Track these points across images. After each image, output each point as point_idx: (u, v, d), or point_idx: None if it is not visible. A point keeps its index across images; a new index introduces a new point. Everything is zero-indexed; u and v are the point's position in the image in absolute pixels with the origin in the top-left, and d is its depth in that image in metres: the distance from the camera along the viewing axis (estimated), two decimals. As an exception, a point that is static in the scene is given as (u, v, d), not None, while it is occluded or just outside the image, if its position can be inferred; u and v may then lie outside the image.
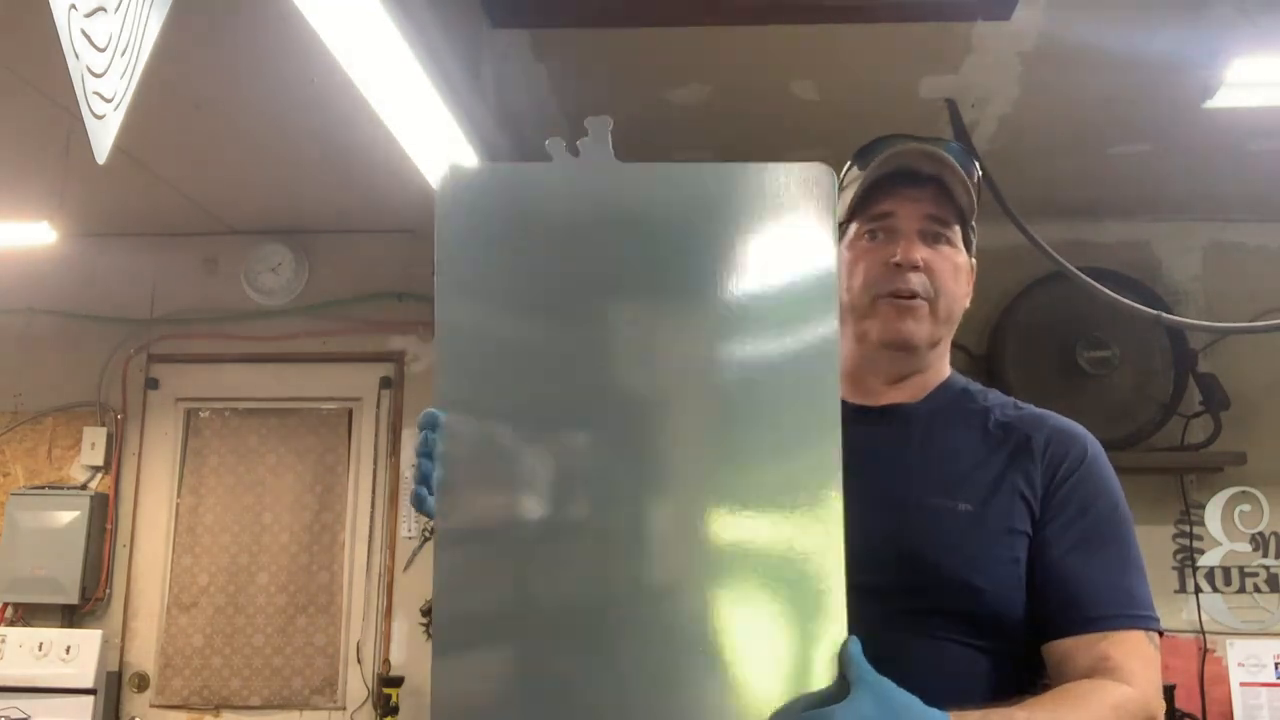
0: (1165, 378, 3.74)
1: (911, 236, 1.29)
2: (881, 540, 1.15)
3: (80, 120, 1.21)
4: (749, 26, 2.69)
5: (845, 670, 0.98)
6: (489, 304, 1.05)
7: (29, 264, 3.98)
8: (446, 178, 1.07)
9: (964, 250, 1.34)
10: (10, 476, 4.13)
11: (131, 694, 3.93)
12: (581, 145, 1.07)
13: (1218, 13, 2.55)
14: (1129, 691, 1.13)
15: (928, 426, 1.30)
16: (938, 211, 1.30)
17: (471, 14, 2.60)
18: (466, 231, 1.06)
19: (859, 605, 1.01)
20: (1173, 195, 3.73)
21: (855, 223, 1.33)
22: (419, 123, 2.30)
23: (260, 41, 2.68)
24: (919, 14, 2.63)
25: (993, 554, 1.20)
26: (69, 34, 1.21)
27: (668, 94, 3.03)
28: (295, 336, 4.11)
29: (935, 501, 1.22)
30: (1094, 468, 1.26)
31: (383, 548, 3.97)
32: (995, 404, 1.33)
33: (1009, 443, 1.27)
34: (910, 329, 1.28)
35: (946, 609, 1.18)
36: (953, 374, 1.37)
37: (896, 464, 1.26)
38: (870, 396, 1.33)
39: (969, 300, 1.37)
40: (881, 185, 1.31)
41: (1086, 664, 1.16)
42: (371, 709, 3.82)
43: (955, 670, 1.16)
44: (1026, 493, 1.23)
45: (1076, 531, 1.22)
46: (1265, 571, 3.77)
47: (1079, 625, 1.18)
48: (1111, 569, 1.21)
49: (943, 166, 1.29)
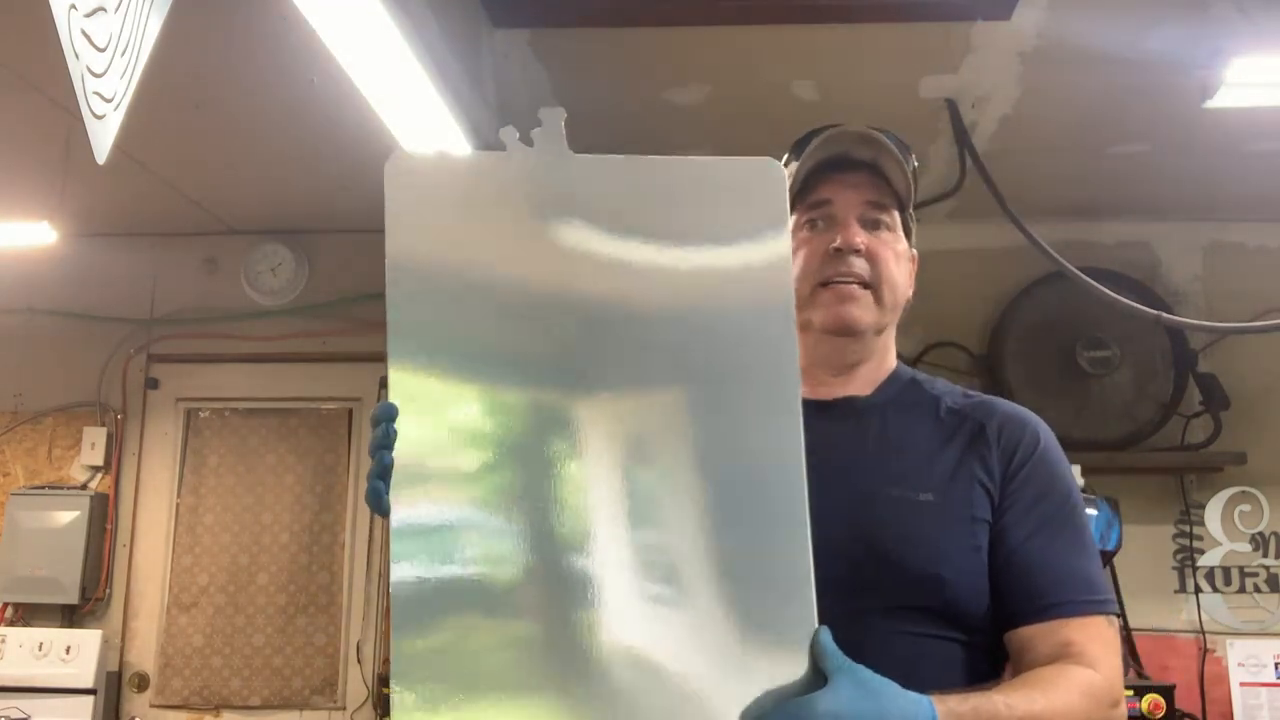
0: (1165, 378, 3.74)
1: (850, 223, 1.28)
2: (843, 534, 1.15)
3: (80, 120, 1.21)
4: (749, 26, 2.69)
5: (820, 660, 0.98)
6: (441, 293, 1.04)
7: (29, 264, 3.98)
8: (393, 164, 1.06)
9: (904, 238, 1.33)
10: (10, 476, 4.13)
11: (131, 694, 3.93)
12: (535, 136, 1.07)
13: (1218, 12, 2.55)
14: (1095, 676, 1.14)
15: (882, 418, 1.29)
16: (876, 197, 1.29)
17: (471, 14, 2.60)
18: (417, 220, 1.05)
19: (824, 601, 1.01)
20: (1173, 195, 3.73)
21: (794, 213, 1.31)
22: (419, 122, 2.30)
23: (260, 41, 2.68)
24: (919, 14, 2.63)
25: (957, 544, 1.20)
26: (69, 34, 1.21)
27: (668, 94, 3.03)
28: (295, 336, 4.11)
29: (896, 493, 1.21)
30: (1047, 454, 1.26)
31: (383, 548, 3.96)
32: (944, 392, 1.33)
33: (963, 431, 1.27)
34: (853, 313, 1.27)
35: (912, 601, 1.17)
36: (899, 364, 1.36)
37: (854, 457, 1.25)
38: (820, 389, 1.31)
39: (912, 290, 1.35)
40: (818, 173, 1.30)
41: (1049, 650, 1.16)
42: (371, 709, 3.82)
43: (926, 663, 1.15)
44: (985, 480, 1.23)
45: (1034, 518, 1.22)
46: (1265, 571, 3.77)
47: (1040, 612, 1.18)
48: (1070, 554, 1.22)
49: (879, 150, 1.28)
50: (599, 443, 1.02)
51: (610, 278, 1.05)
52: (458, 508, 1.01)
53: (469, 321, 1.04)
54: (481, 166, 1.08)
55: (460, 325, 1.04)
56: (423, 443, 1.01)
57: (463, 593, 0.99)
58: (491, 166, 1.07)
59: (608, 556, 1.00)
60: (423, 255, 1.04)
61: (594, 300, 1.04)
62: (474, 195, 1.06)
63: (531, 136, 1.07)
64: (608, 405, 1.03)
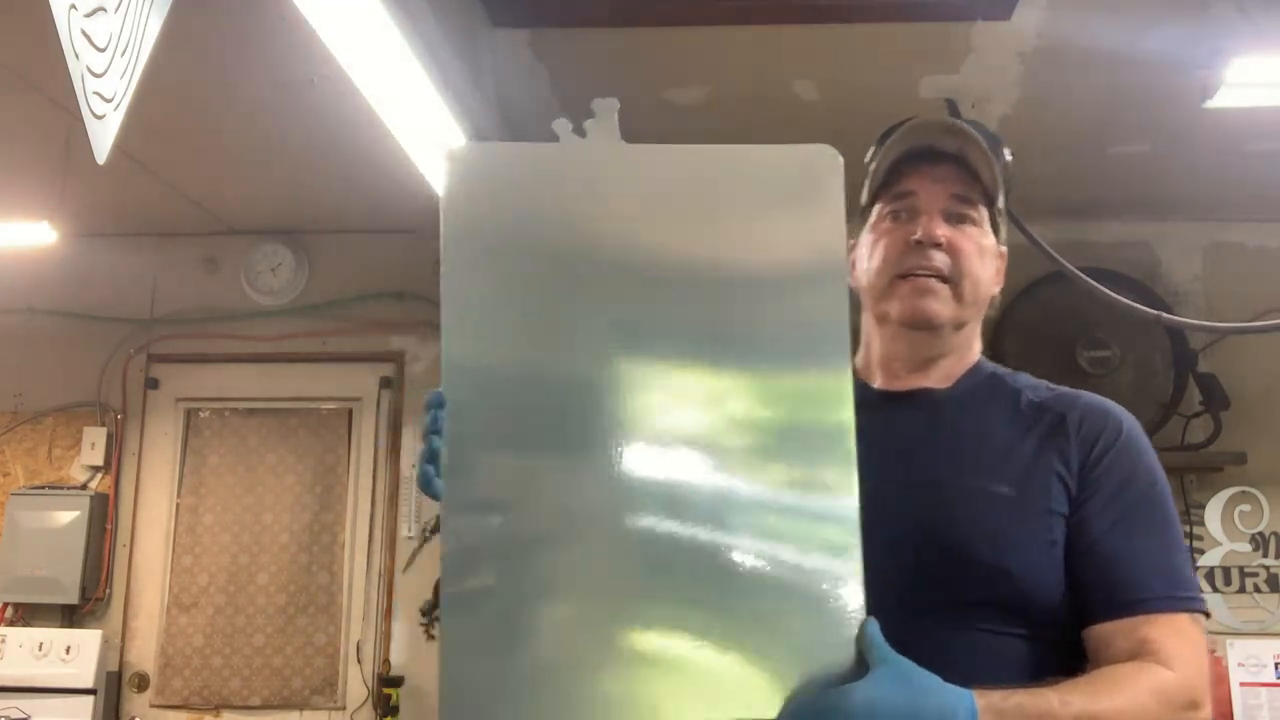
0: (1165, 378, 3.74)
1: (934, 215, 1.25)
2: (909, 525, 1.13)
3: (80, 120, 1.21)
4: (749, 26, 2.69)
5: (865, 651, 0.97)
6: (495, 284, 1.05)
7: (29, 264, 3.98)
8: (452, 156, 1.07)
9: (991, 233, 1.29)
10: (10, 476, 4.13)
11: (131, 694, 3.93)
12: (588, 126, 1.07)
13: (1218, 13, 2.55)
14: (1170, 675, 1.09)
15: (958, 410, 1.25)
16: (962, 190, 1.26)
17: (471, 13, 2.60)
18: (472, 210, 1.06)
19: (893, 594, 1.00)
20: (1173, 195, 3.73)
21: (878, 204, 1.29)
22: (419, 122, 2.30)
23: (260, 42, 2.68)
24: (919, 14, 2.63)
25: (1029, 536, 1.15)
26: (69, 34, 1.21)
27: (668, 94, 3.03)
28: (295, 336, 4.11)
29: (969, 484, 1.18)
30: (1130, 444, 1.21)
31: (383, 548, 3.97)
32: (1026, 385, 1.28)
33: (1042, 423, 1.22)
34: (930, 307, 1.23)
35: (980, 595, 1.14)
36: (982, 359, 1.32)
37: (927, 448, 1.23)
38: (896, 381, 1.28)
39: (999, 287, 1.32)
40: (903, 164, 1.27)
41: (1127, 648, 1.12)
42: (371, 709, 3.82)
43: (993, 659, 1.12)
44: (1063, 472, 1.18)
45: (1115, 510, 1.17)
46: (1265, 571, 3.77)
47: (1119, 608, 1.14)
48: (1152, 549, 1.17)
49: (966, 142, 1.25)
50: (649, 419, 1.03)
51: (664, 264, 1.06)
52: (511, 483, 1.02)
53: (524, 311, 1.05)
54: (536, 157, 1.09)
55: (515, 314, 1.05)
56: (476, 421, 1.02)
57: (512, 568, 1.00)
58: (546, 157, 1.08)
59: (659, 532, 1.00)
60: (477, 244, 1.05)
61: (648, 286, 1.05)
62: (529, 185, 1.07)
63: (584, 127, 1.07)
64: (660, 384, 1.04)
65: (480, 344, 1.04)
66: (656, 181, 1.07)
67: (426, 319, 4.07)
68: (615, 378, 1.04)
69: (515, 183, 1.07)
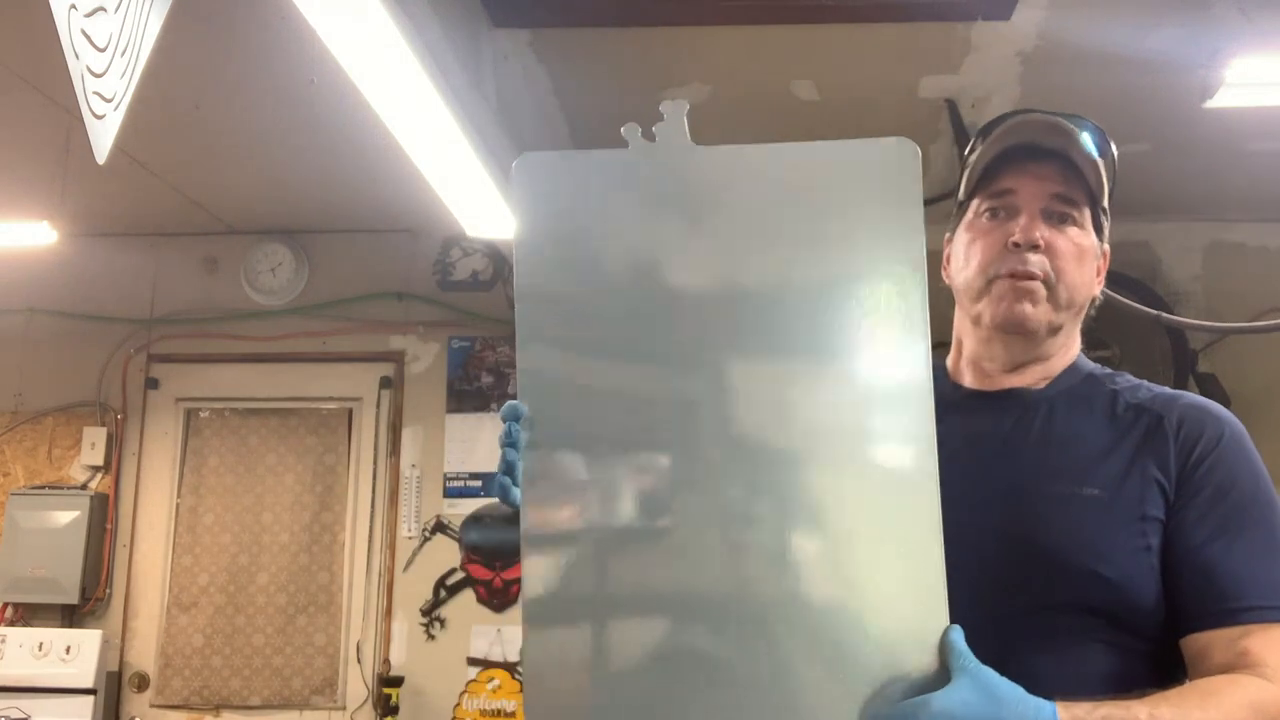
0: (1165, 378, 3.73)
1: (1034, 215, 1.20)
2: (1001, 529, 1.11)
3: (80, 120, 1.21)
4: (749, 26, 2.69)
5: (947, 659, 0.95)
6: (568, 293, 1.05)
7: (29, 264, 3.98)
8: (519, 167, 1.07)
9: (1093, 233, 1.25)
10: (10, 476, 4.13)
11: (131, 694, 3.93)
12: (657, 130, 1.07)
13: (1218, 13, 2.55)
14: (1269, 689, 1.04)
15: (1050, 411, 1.21)
16: (1064, 190, 1.21)
17: (471, 14, 2.60)
18: (542, 221, 1.06)
19: (978, 599, 0.98)
20: (1173, 195, 3.73)
21: (975, 200, 1.26)
22: (419, 122, 2.29)
23: (260, 41, 2.68)
24: (919, 14, 2.63)
25: (1122, 542, 1.11)
26: (69, 34, 1.21)
27: (668, 94, 3.03)
28: (295, 336, 4.11)
29: (1059, 488, 1.14)
30: (1233, 447, 1.17)
31: (383, 548, 3.97)
32: (1124, 387, 1.24)
33: (1139, 425, 1.18)
34: (1025, 311, 1.19)
35: (1072, 602, 1.10)
36: (1080, 358, 1.28)
37: (1016, 450, 1.19)
38: (987, 381, 1.26)
39: (1099, 288, 1.28)
40: (1004, 161, 1.22)
41: (1225, 659, 1.07)
42: (371, 709, 3.82)
43: (1081, 668, 1.09)
44: (1159, 477, 1.14)
45: (1215, 516, 1.12)
46: (1265, 571, 3.77)
47: (1218, 617, 1.09)
48: (1254, 557, 1.11)
49: (1069, 141, 1.20)
50: (725, 425, 1.02)
51: (738, 264, 1.05)
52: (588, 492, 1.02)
53: (597, 315, 1.05)
54: (606, 163, 1.08)
55: (590, 324, 1.05)
56: (553, 440, 1.03)
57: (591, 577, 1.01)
58: (615, 163, 1.08)
59: (736, 540, 1.00)
60: (550, 253, 1.06)
61: (722, 290, 1.05)
62: (599, 191, 1.07)
63: (653, 131, 1.07)
64: (739, 389, 1.03)
65: (554, 354, 1.04)
66: (728, 183, 1.06)
67: (426, 319, 4.07)
68: (691, 384, 1.03)
69: (584, 191, 1.07)
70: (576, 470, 1.03)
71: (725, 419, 1.02)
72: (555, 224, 1.06)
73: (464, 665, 3.87)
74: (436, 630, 3.90)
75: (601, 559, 1.01)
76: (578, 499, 1.02)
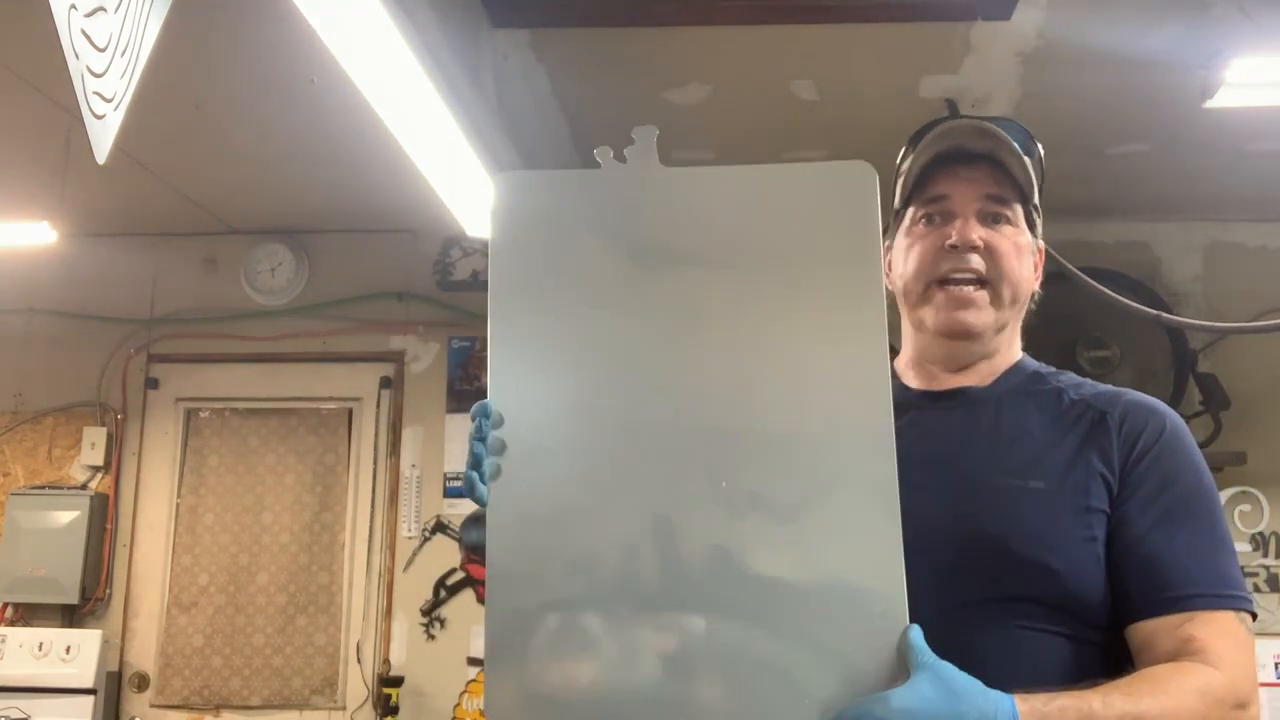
0: (1165, 378, 3.74)
1: (968, 217, 1.24)
2: (947, 523, 1.13)
3: (80, 120, 1.21)
4: (749, 26, 2.69)
5: (906, 657, 0.97)
6: (540, 305, 1.09)
7: (29, 264, 3.99)
8: (497, 185, 1.12)
9: (1027, 230, 1.28)
10: (10, 476, 4.13)
11: (131, 694, 3.93)
12: (628, 153, 1.12)
13: (1218, 13, 2.55)
14: (1215, 675, 1.07)
15: (996, 408, 1.25)
16: (996, 190, 1.25)
17: (471, 13, 2.60)
18: (518, 236, 1.11)
19: (930, 593, 0.99)
20: (1173, 195, 3.73)
21: (911, 207, 1.29)
22: (419, 122, 2.29)
23: (260, 41, 2.68)
24: (919, 14, 2.63)
25: (1068, 533, 1.14)
26: (69, 34, 1.21)
27: (668, 94, 3.03)
28: (295, 336, 4.11)
29: (1006, 482, 1.17)
30: (1174, 442, 1.19)
31: (383, 548, 3.97)
32: (1068, 384, 1.27)
33: (1083, 421, 1.21)
34: (966, 319, 1.24)
35: (1019, 592, 1.13)
36: (1024, 357, 1.32)
37: (964, 447, 1.22)
38: (935, 382, 1.28)
39: (1038, 283, 1.32)
40: (935, 167, 1.26)
41: (1170, 647, 1.10)
42: (371, 709, 3.82)
43: (1033, 658, 1.11)
44: (1103, 470, 1.17)
45: (1158, 508, 1.15)
46: (1265, 571, 3.77)
47: (1162, 606, 1.12)
48: (1196, 546, 1.14)
49: (997, 143, 1.24)
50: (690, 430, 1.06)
51: (703, 281, 1.09)
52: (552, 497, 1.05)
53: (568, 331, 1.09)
54: (580, 184, 1.14)
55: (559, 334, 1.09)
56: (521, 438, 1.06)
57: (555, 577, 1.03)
58: (588, 183, 1.13)
59: (698, 541, 1.03)
60: (524, 272, 1.10)
61: (688, 306, 1.08)
62: (573, 211, 1.12)
63: (625, 154, 1.12)
64: (702, 396, 1.06)
65: (525, 362, 1.08)
66: (695, 203, 1.11)
67: (426, 319, 4.07)
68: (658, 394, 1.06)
69: (558, 207, 1.12)
70: (542, 470, 1.05)
71: (688, 424, 1.06)
72: (528, 238, 1.11)
73: (464, 665, 3.87)
74: (436, 630, 3.91)
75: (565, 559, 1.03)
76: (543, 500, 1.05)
